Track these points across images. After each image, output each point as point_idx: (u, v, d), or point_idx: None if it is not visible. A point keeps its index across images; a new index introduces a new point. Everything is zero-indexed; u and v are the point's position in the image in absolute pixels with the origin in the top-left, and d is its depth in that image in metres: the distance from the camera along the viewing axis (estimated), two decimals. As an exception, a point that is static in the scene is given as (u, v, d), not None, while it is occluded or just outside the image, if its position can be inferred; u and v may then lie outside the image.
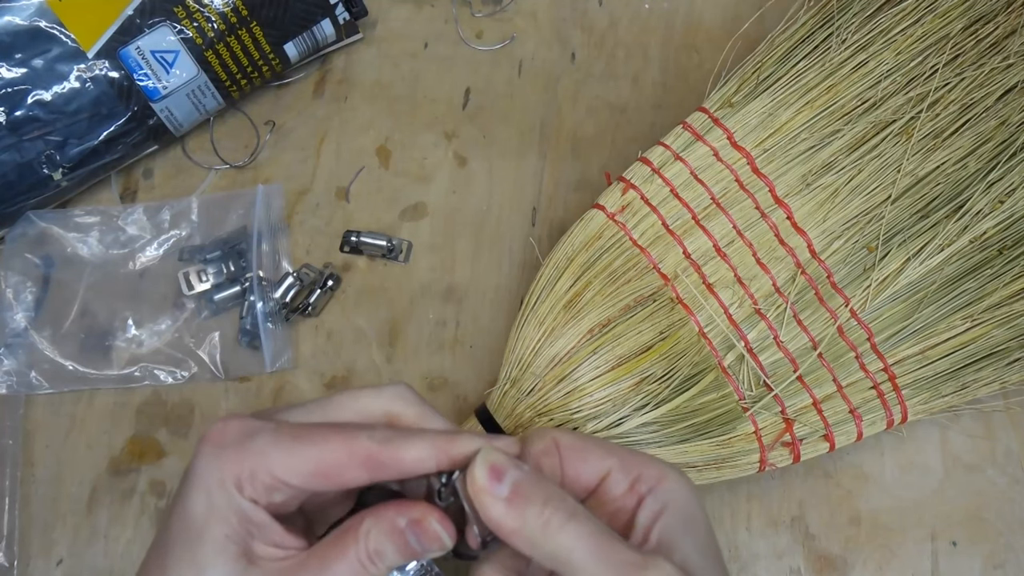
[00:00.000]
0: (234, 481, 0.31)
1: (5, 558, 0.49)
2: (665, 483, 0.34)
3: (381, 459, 0.32)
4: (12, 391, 0.52)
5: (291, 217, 0.57)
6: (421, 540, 0.32)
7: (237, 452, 0.32)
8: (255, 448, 0.32)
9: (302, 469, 0.32)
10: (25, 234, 0.54)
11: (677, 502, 0.34)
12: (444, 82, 0.61)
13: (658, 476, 0.34)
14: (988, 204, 0.46)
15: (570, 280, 0.47)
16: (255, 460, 0.31)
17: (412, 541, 0.32)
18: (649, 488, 0.34)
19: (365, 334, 0.54)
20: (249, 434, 0.32)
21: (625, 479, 0.34)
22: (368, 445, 0.31)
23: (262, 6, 0.54)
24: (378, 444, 0.32)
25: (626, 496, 0.34)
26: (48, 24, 0.51)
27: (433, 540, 0.32)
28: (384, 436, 0.32)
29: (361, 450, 0.31)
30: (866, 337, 0.46)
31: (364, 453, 0.31)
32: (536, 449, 0.34)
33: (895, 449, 0.52)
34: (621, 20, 0.63)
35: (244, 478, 0.31)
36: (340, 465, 0.31)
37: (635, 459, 0.34)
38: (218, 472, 0.31)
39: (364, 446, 0.31)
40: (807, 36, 0.50)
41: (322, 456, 0.31)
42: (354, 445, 0.31)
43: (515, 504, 0.31)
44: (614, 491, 0.34)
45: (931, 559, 0.50)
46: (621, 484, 0.34)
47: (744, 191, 0.47)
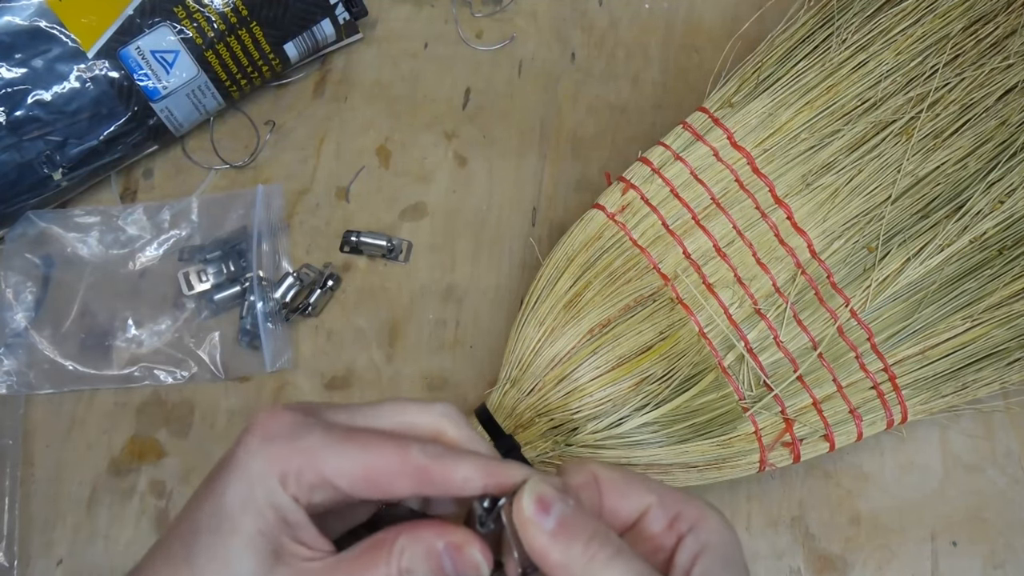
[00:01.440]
0: (279, 476, 0.31)
1: (5, 558, 0.49)
2: (705, 523, 0.33)
3: (431, 473, 0.31)
4: (12, 391, 0.52)
5: (291, 217, 0.57)
6: (458, 566, 0.31)
7: (287, 447, 0.31)
8: (305, 445, 0.31)
9: (352, 472, 0.31)
10: (25, 234, 0.54)
11: (717, 543, 0.33)
12: (444, 82, 0.61)
13: (698, 516, 0.33)
14: (988, 204, 0.46)
15: (570, 280, 0.47)
16: (305, 457, 0.31)
17: (447, 566, 0.31)
18: (689, 527, 0.33)
19: (365, 334, 0.54)
20: (300, 429, 0.31)
21: (664, 516, 0.33)
22: (420, 457, 0.31)
23: (262, 6, 0.54)
24: (430, 459, 0.31)
25: (665, 534, 0.33)
26: (48, 24, 0.51)
27: (470, 567, 0.31)
28: (436, 451, 0.31)
29: (413, 461, 0.31)
30: (866, 337, 0.46)
31: (416, 464, 0.31)
32: (575, 482, 0.34)
33: (895, 449, 0.52)
34: (621, 20, 0.63)
35: (290, 473, 0.31)
36: (391, 474, 0.31)
37: (674, 496, 0.34)
38: (264, 464, 0.31)
39: (416, 458, 0.31)
40: (807, 36, 0.50)
41: (374, 462, 0.31)
42: (407, 455, 0.31)
43: (561, 537, 0.30)
44: (652, 527, 0.34)
45: (931, 559, 0.50)
46: (660, 521, 0.34)
47: (744, 191, 0.47)
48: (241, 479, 0.31)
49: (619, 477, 0.34)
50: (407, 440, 0.32)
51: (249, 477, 0.31)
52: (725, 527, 0.34)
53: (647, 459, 0.44)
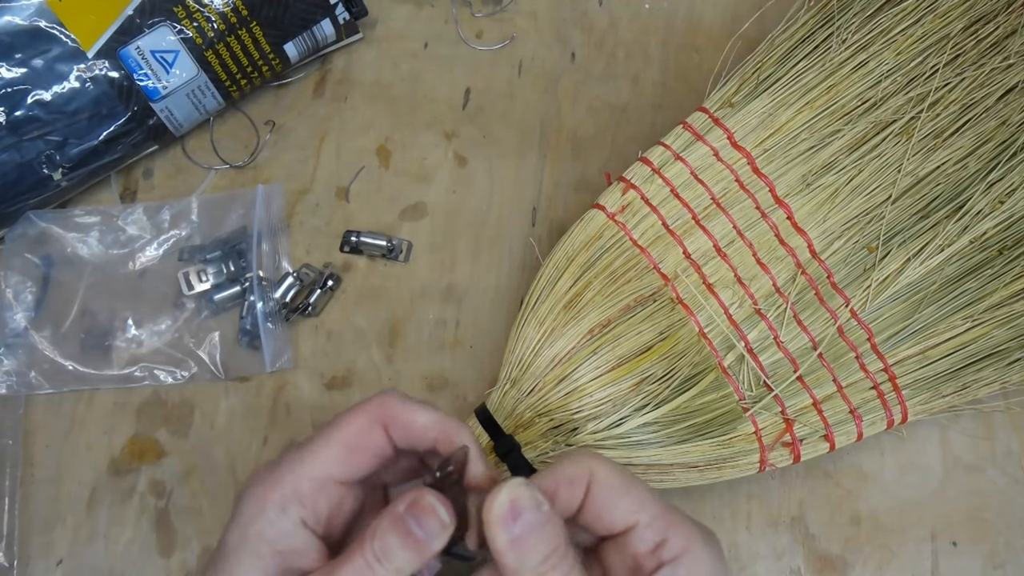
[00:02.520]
0: (278, 506, 0.34)
1: (5, 558, 0.49)
2: (688, 556, 0.33)
3: (396, 415, 0.35)
4: (12, 391, 0.52)
5: (291, 217, 0.57)
6: (421, 521, 0.32)
7: (272, 477, 0.35)
8: (286, 466, 0.35)
9: (334, 455, 0.35)
10: (25, 234, 0.54)
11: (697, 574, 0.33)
12: (444, 82, 0.61)
13: (684, 546, 0.33)
14: (988, 204, 0.46)
15: (570, 280, 0.47)
16: (290, 476, 0.34)
17: (413, 527, 0.32)
18: (672, 557, 0.33)
19: (365, 334, 0.54)
20: (277, 460, 0.36)
21: (650, 539, 0.33)
22: (383, 403, 0.35)
23: (262, 6, 0.54)
24: (396, 401, 0.35)
25: (647, 556, 0.34)
26: (48, 24, 0.51)
27: (430, 515, 0.32)
28: (398, 398, 0.36)
29: (377, 410, 0.35)
30: (866, 337, 0.46)
31: (380, 412, 0.35)
32: (565, 473, 0.34)
33: (895, 449, 0.52)
34: (621, 20, 0.63)
35: (288, 497, 0.34)
36: (363, 433, 0.35)
37: (665, 520, 0.34)
38: (258, 502, 0.34)
39: (378, 405, 0.35)
40: (807, 36, 0.50)
41: (346, 434, 0.35)
42: (369, 409, 0.35)
43: (520, 547, 0.31)
44: (636, 546, 0.34)
45: (931, 559, 0.50)
46: (645, 542, 0.34)
47: (744, 191, 0.47)
48: (237, 522, 0.34)
49: (615, 482, 0.34)
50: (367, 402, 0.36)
51: (244, 519, 0.34)
52: (709, 559, 0.34)
53: (647, 459, 0.44)
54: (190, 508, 0.51)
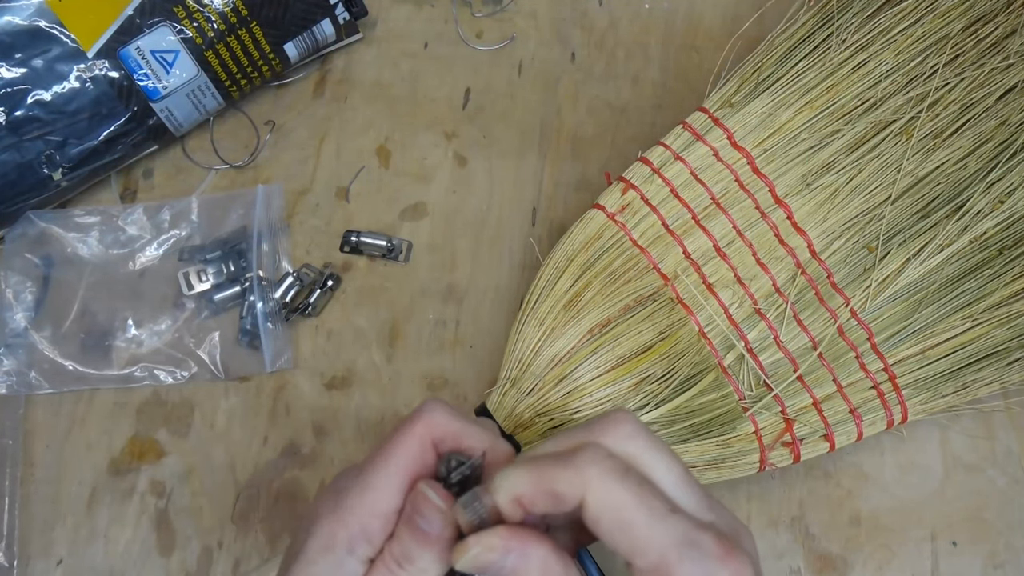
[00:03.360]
0: (346, 547, 0.33)
1: (5, 558, 0.49)
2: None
3: (444, 436, 0.34)
4: (12, 391, 0.52)
5: (291, 217, 0.57)
6: (423, 513, 0.32)
7: (338, 513, 0.34)
8: (350, 501, 0.34)
9: (395, 486, 0.33)
10: (25, 234, 0.54)
11: None
12: (444, 82, 0.61)
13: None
14: (988, 204, 0.46)
15: (570, 280, 0.47)
16: (356, 514, 0.33)
17: (418, 520, 0.32)
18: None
19: (365, 334, 0.54)
20: (339, 490, 0.34)
21: (644, 567, 0.29)
22: (431, 423, 0.34)
23: (262, 6, 0.54)
24: (444, 419, 0.34)
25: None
26: (48, 24, 0.51)
27: (425, 503, 0.32)
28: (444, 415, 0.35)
29: (427, 432, 0.34)
30: (866, 337, 0.46)
31: (430, 433, 0.34)
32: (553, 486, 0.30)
33: (895, 449, 0.52)
34: (621, 20, 0.63)
35: (356, 537, 0.33)
36: (419, 459, 0.34)
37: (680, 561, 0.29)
38: (326, 540, 0.33)
39: (427, 425, 0.34)
40: (807, 36, 0.50)
41: (403, 462, 0.34)
42: (419, 432, 0.34)
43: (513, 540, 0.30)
44: (637, 562, 0.30)
45: (931, 559, 0.50)
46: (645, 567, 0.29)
47: (744, 191, 0.47)
48: (303, 564, 0.34)
49: (610, 520, 0.29)
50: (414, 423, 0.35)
51: (308, 560, 0.33)
52: None
53: (647, 459, 0.44)
54: (190, 508, 0.51)
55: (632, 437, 0.31)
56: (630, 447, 0.31)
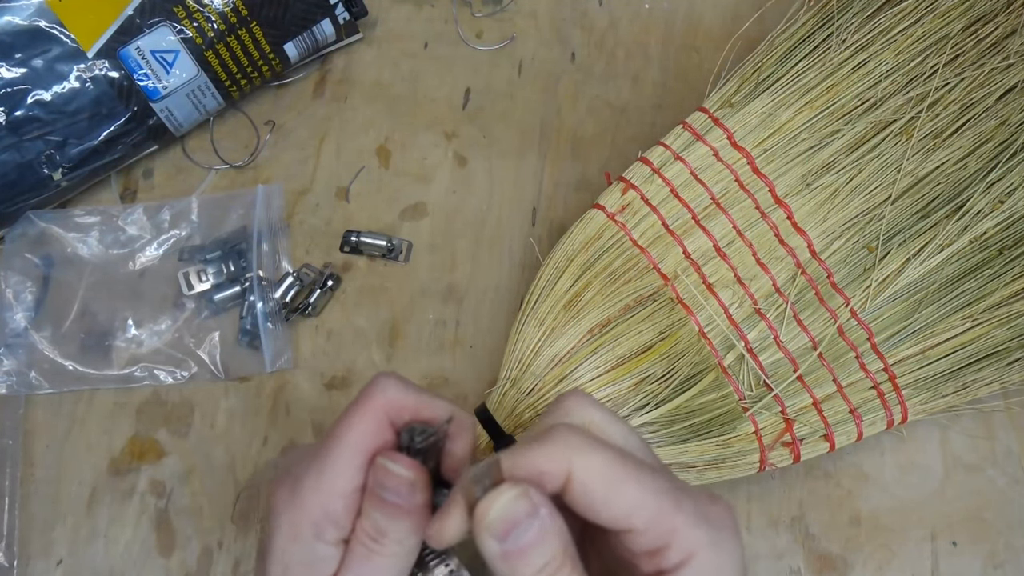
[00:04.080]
0: (312, 533, 0.32)
1: (5, 558, 0.49)
2: (694, 562, 0.29)
3: (401, 408, 0.33)
4: (12, 391, 0.52)
5: (291, 217, 0.57)
6: (383, 484, 0.31)
7: (296, 501, 0.32)
8: (307, 486, 0.32)
9: (354, 466, 0.32)
10: (25, 234, 0.54)
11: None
12: (444, 82, 0.61)
13: (686, 554, 0.29)
14: (988, 204, 0.46)
15: (570, 280, 0.47)
16: (315, 497, 0.32)
17: (383, 493, 0.31)
18: (672, 566, 0.29)
19: (365, 334, 0.54)
20: (294, 477, 0.33)
21: (647, 544, 0.29)
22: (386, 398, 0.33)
23: (262, 6, 0.54)
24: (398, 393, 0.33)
25: (644, 559, 0.30)
26: (48, 24, 0.51)
27: (389, 478, 0.31)
28: (398, 388, 0.34)
29: (383, 406, 0.33)
30: (866, 337, 0.46)
31: (386, 407, 0.33)
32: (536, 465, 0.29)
33: (895, 449, 0.52)
34: (621, 20, 0.63)
35: (319, 522, 0.32)
36: (376, 435, 0.33)
37: (664, 526, 0.29)
38: (291, 530, 0.32)
39: (382, 400, 0.33)
40: (807, 36, 0.50)
41: (359, 439, 0.33)
42: (375, 407, 0.33)
43: (511, 561, 0.28)
44: (631, 545, 0.30)
45: (931, 559, 0.50)
46: (640, 546, 0.29)
47: (744, 191, 0.47)
48: (275, 559, 0.33)
49: (600, 486, 0.29)
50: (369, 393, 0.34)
51: (278, 554, 0.33)
52: (718, 565, 0.29)
53: (647, 459, 0.44)
54: (190, 508, 0.51)
55: (590, 412, 0.32)
56: (592, 420, 0.32)
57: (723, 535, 0.30)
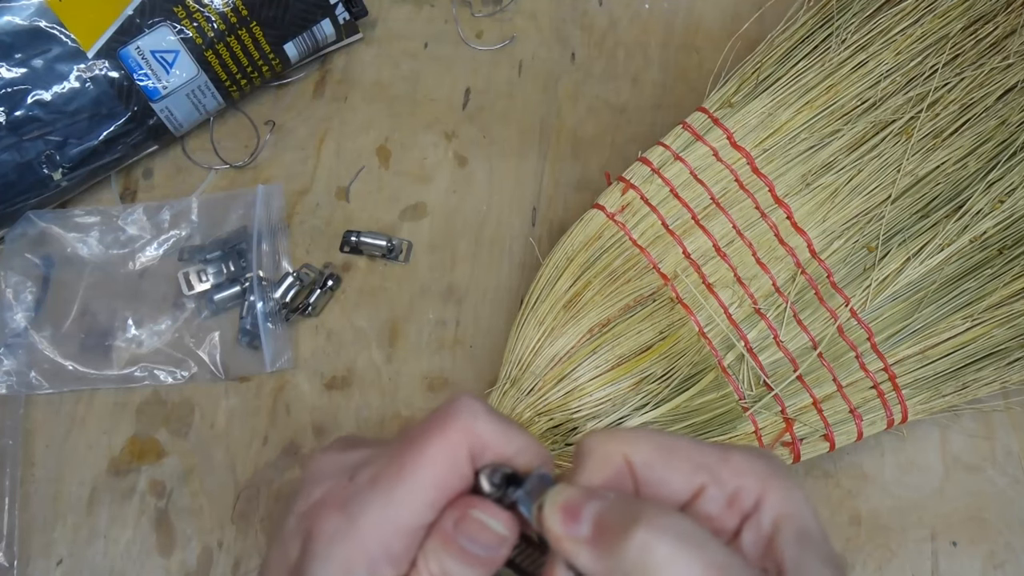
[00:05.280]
0: (367, 571, 0.29)
1: (5, 558, 0.49)
2: (770, 497, 0.28)
3: (486, 443, 0.29)
4: (12, 391, 0.52)
5: (291, 217, 0.57)
6: (473, 537, 0.28)
7: (352, 531, 0.29)
8: (368, 516, 0.29)
9: (425, 501, 0.29)
10: (25, 234, 0.54)
11: (787, 519, 0.28)
12: (444, 82, 0.61)
13: (760, 488, 0.28)
14: (988, 204, 0.46)
15: (570, 280, 0.47)
16: (375, 531, 0.29)
17: (466, 543, 0.28)
18: (752, 505, 0.28)
19: (365, 334, 0.54)
20: (350, 500, 0.29)
21: (721, 495, 0.28)
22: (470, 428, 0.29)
23: (262, 6, 0.54)
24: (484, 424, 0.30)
25: (724, 515, 0.29)
26: (48, 24, 0.51)
27: (483, 532, 0.28)
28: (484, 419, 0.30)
29: (465, 438, 0.29)
30: (866, 337, 0.46)
31: (469, 440, 0.29)
32: (599, 479, 0.28)
33: (895, 449, 0.52)
34: (621, 20, 0.63)
35: (377, 560, 0.29)
36: (453, 470, 0.29)
37: (730, 469, 0.28)
38: (342, 566, 0.29)
39: (465, 430, 0.29)
40: (807, 36, 0.50)
41: (435, 473, 0.29)
42: (456, 438, 0.29)
43: (601, 543, 0.26)
44: (708, 508, 0.28)
45: (931, 559, 0.50)
46: (717, 502, 0.28)
47: (744, 191, 0.47)
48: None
49: (658, 457, 0.28)
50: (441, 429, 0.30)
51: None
52: (791, 493, 0.28)
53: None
54: (190, 508, 0.51)
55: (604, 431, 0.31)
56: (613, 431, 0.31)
57: (779, 466, 0.29)
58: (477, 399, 0.30)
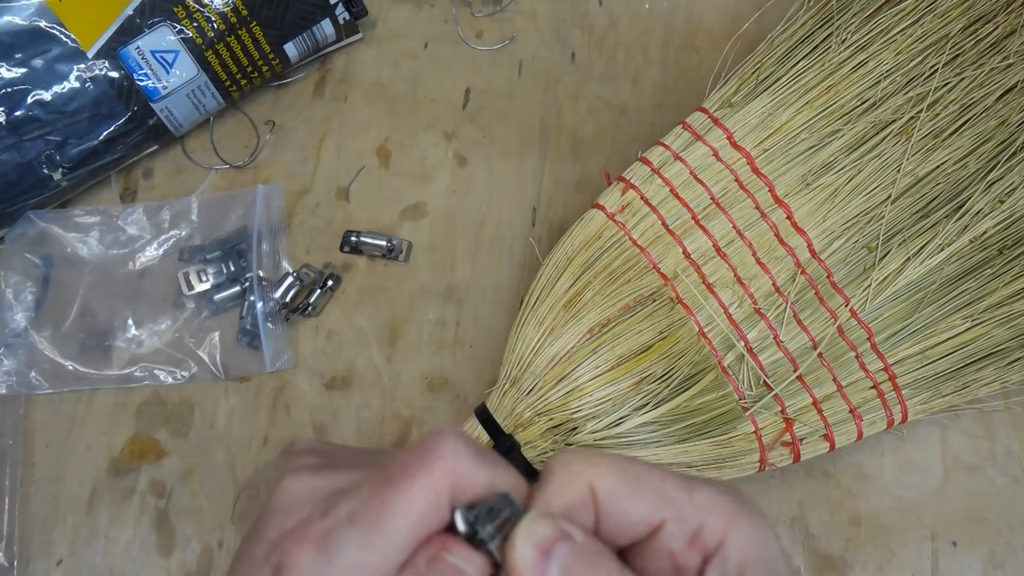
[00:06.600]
0: None
1: (5, 558, 0.49)
2: (733, 533, 0.28)
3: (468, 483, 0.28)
4: (12, 391, 0.52)
5: (291, 217, 0.57)
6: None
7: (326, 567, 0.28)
8: (341, 554, 0.27)
9: (401, 545, 0.28)
10: (25, 234, 0.54)
11: (754, 563, 0.28)
12: (444, 82, 0.61)
13: (725, 526, 0.28)
14: (988, 204, 0.46)
15: (570, 280, 0.47)
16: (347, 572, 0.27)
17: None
18: (716, 543, 0.28)
19: (365, 334, 0.54)
20: (328, 552, 0.28)
21: (683, 531, 0.28)
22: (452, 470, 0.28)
23: (262, 6, 0.54)
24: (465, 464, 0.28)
25: (685, 552, 0.28)
26: (48, 24, 0.51)
27: (454, 575, 0.28)
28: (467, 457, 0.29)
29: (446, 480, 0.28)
30: (866, 337, 0.46)
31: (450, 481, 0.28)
32: (562, 500, 0.28)
33: (895, 449, 0.52)
34: (621, 20, 0.63)
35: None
36: (432, 516, 0.28)
37: (693, 506, 0.28)
38: None
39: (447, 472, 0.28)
40: (807, 36, 0.50)
41: (414, 521, 0.28)
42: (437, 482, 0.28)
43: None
44: (669, 544, 0.28)
45: (931, 559, 0.50)
46: (678, 538, 0.28)
47: (744, 191, 0.47)
48: None
49: (621, 488, 0.28)
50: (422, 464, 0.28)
51: None
52: (757, 531, 0.28)
53: (647, 459, 0.44)
54: (190, 508, 0.51)
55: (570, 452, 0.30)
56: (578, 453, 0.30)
57: (744, 503, 0.29)
58: (461, 437, 0.29)
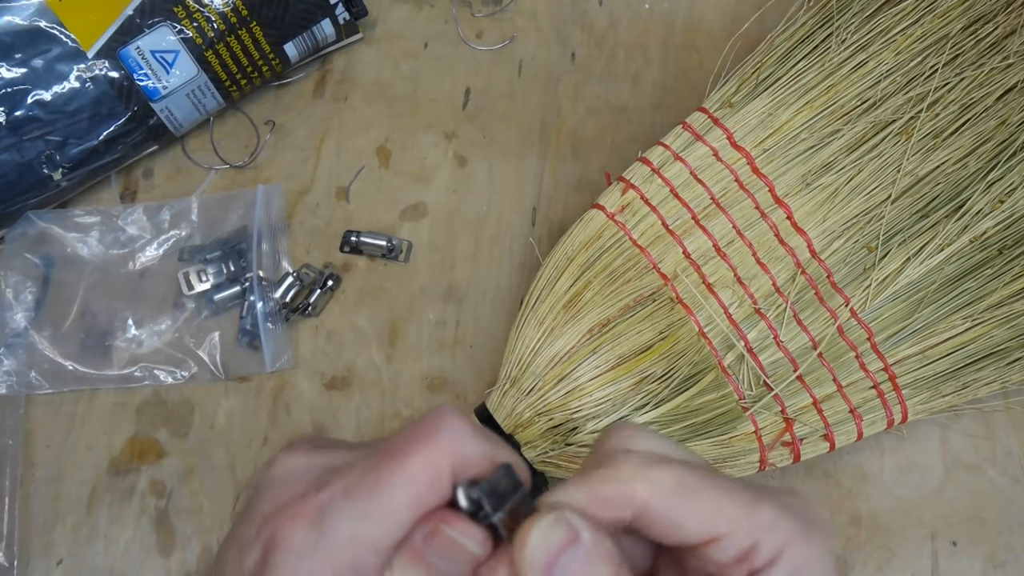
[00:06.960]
0: None
1: (5, 558, 0.49)
2: (786, 556, 0.27)
3: (468, 458, 0.28)
4: (12, 391, 0.52)
5: (291, 217, 0.57)
6: (443, 554, 0.27)
7: (320, 540, 0.27)
8: (337, 526, 0.27)
9: (403, 518, 0.27)
10: (25, 234, 0.54)
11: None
12: (444, 82, 0.61)
13: (779, 548, 0.27)
14: (988, 204, 0.46)
15: (570, 280, 0.47)
16: (346, 543, 0.27)
17: (434, 558, 0.27)
18: (765, 563, 0.27)
19: (365, 334, 0.54)
20: (318, 505, 0.27)
21: (736, 547, 0.27)
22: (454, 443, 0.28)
23: (262, 6, 0.54)
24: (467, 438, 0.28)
25: (733, 566, 0.27)
26: (48, 24, 0.51)
27: (454, 549, 0.27)
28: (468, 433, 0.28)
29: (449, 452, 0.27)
30: (866, 337, 0.46)
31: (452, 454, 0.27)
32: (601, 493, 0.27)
33: (895, 449, 0.52)
34: (621, 20, 0.63)
35: (344, 574, 0.27)
36: (434, 486, 0.27)
37: (752, 523, 0.27)
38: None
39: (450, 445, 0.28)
40: (807, 36, 0.50)
41: (415, 491, 0.27)
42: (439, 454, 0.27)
43: None
44: (718, 556, 0.27)
45: (931, 559, 0.50)
46: (728, 552, 0.27)
47: (744, 191, 0.47)
48: None
49: (677, 498, 0.27)
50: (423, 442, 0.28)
51: None
52: (812, 556, 0.27)
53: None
54: (190, 508, 0.51)
55: (646, 437, 0.29)
56: (650, 445, 0.29)
57: (809, 525, 0.28)
58: (462, 416, 0.29)
